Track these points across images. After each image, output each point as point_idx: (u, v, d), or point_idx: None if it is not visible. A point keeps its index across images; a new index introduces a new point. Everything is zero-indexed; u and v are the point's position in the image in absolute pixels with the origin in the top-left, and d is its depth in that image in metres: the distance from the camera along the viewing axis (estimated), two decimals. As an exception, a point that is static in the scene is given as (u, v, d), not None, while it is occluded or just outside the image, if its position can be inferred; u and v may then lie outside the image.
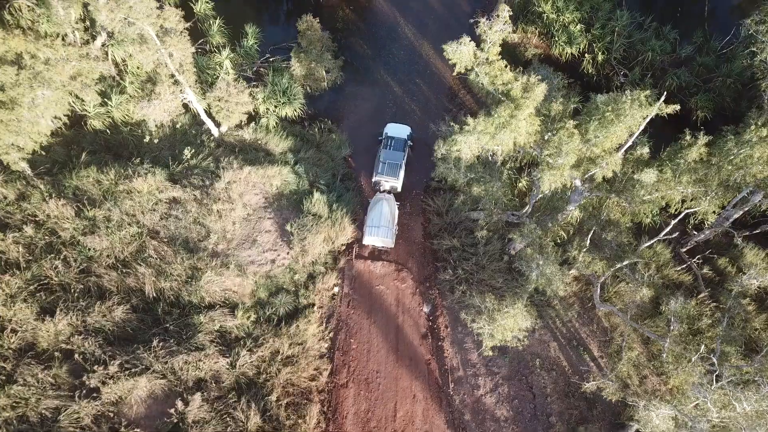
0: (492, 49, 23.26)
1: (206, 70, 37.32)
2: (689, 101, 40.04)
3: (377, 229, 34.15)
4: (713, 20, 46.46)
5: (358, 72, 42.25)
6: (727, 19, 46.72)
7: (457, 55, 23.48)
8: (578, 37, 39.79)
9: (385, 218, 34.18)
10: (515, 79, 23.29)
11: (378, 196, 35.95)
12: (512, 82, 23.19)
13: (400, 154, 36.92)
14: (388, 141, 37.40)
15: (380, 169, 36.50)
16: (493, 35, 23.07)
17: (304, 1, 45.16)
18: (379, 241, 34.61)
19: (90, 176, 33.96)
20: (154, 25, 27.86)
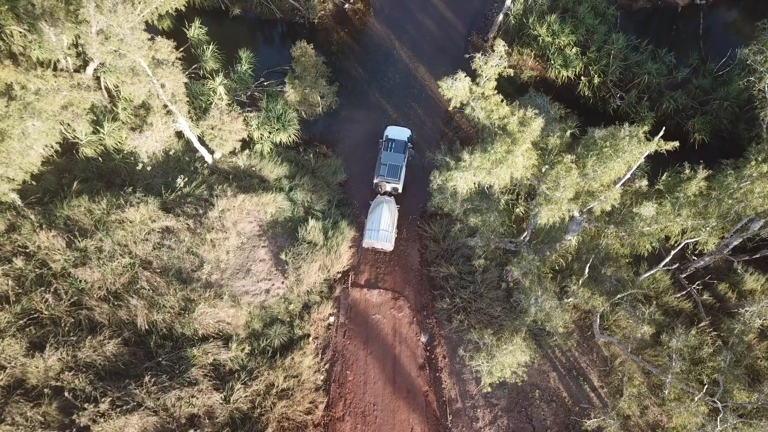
0: (487, 84, 22.94)
1: (199, 96, 36.98)
2: (686, 124, 39.82)
3: (377, 232, 34.67)
4: (708, 38, 46.47)
5: (354, 95, 41.96)
6: (722, 36, 46.78)
7: (452, 91, 23.16)
8: (574, 61, 39.60)
9: (385, 222, 34.67)
10: (511, 113, 22.96)
11: (378, 199, 36.21)
12: (508, 116, 22.86)
13: (401, 156, 37.36)
14: (388, 143, 37.92)
15: (381, 171, 36.85)
16: (489, 70, 22.76)
17: (298, 24, 44.92)
18: (379, 244, 34.97)
19: (82, 205, 33.51)
20: (146, 56, 27.51)
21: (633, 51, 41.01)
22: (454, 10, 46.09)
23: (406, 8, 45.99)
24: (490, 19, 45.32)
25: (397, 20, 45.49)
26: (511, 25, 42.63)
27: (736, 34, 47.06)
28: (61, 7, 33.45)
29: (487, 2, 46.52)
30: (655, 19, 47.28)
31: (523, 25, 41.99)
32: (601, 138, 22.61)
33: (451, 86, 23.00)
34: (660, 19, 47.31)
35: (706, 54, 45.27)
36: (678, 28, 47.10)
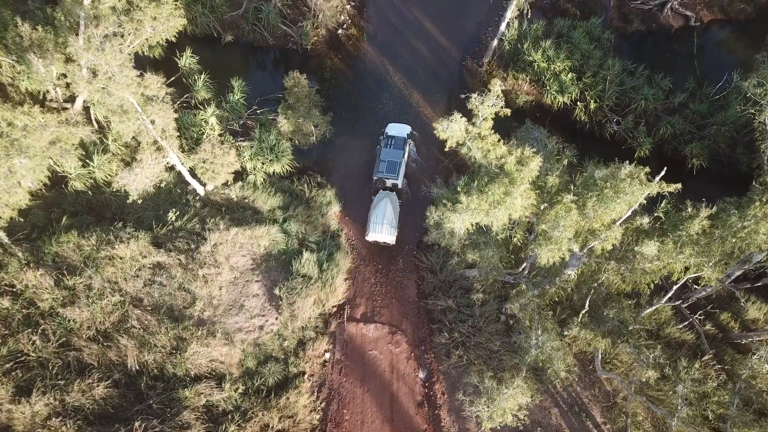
0: (484, 124, 22.43)
1: (191, 127, 36.41)
2: (684, 148, 39.45)
3: (381, 226, 35.32)
4: (702, 58, 46.31)
5: (348, 122, 41.45)
6: (716, 56, 46.67)
7: (448, 132, 22.63)
8: (570, 87, 39.27)
9: (388, 216, 35.40)
10: (509, 152, 22.44)
11: (381, 195, 36.78)
12: (506, 156, 22.35)
13: (400, 153, 37.86)
14: (388, 140, 38.38)
15: (381, 168, 37.43)
16: (485, 110, 22.27)
17: (291, 50, 44.52)
18: (382, 237, 35.47)
19: (71, 241, 32.76)
20: (135, 93, 26.94)
21: (629, 75, 40.75)
22: (448, 34, 45.83)
23: (399, 33, 45.71)
24: (485, 43, 45.03)
25: (390, 45, 45.17)
26: (505, 51, 42.34)
27: (729, 53, 47.03)
28: (50, 39, 32.98)
29: (481, 27, 46.30)
30: (649, 41, 47.15)
31: (517, 51, 41.70)
32: (601, 178, 22.10)
33: (447, 128, 22.49)
34: (654, 41, 47.19)
35: (702, 76, 45.10)
36: (672, 49, 46.96)
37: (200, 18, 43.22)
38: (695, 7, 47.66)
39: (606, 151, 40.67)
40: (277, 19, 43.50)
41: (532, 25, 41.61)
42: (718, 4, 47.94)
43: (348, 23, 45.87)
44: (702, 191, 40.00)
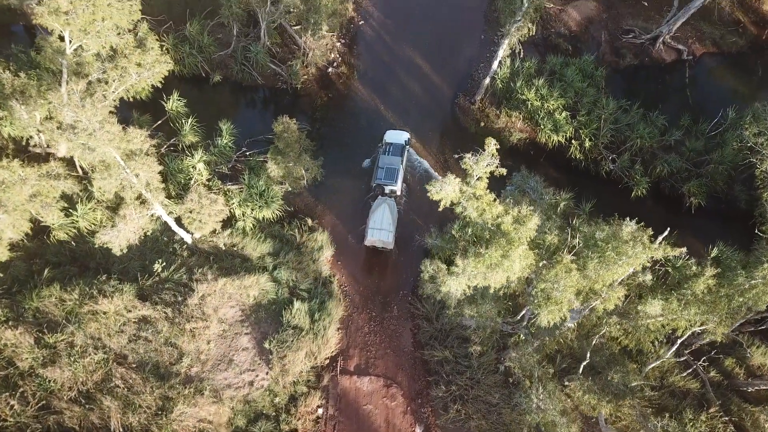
0: (479, 184, 21.61)
1: (178, 173, 35.48)
2: (681, 187, 38.82)
3: (379, 231, 35.79)
4: (695, 90, 46.00)
5: (339, 163, 40.62)
6: (709, 88, 46.37)
7: (441, 194, 21.81)
8: (564, 126, 38.68)
9: (386, 221, 35.88)
10: (506, 212, 21.60)
11: (380, 200, 37.24)
12: (503, 216, 21.50)
13: (398, 159, 38.25)
14: (386, 147, 38.84)
15: (379, 175, 37.78)
16: (480, 170, 21.48)
17: (281, 89, 43.83)
18: (380, 242, 35.89)
19: (53, 296, 31.60)
20: (118, 148, 26.02)
21: (624, 112, 40.22)
22: (440, 71, 45.33)
23: (390, 70, 45.17)
24: (477, 80, 44.56)
25: (381, 83, 44.59)
26: (498, 89, 41.81)
27: (722, 86, 46.74)
28: (33, 85, 32.10)
29: (472, 63, 45.86)
30: (642, 75, 46.81)
31: (510, 89, 41.17)
32: (602, 240, 21.25)
33: (440, 190, 21.65)
34: (647, 75, 46.87)
35: (697, 111, 44.82)
36: (666, 83, 46.67)
37: (188, 58, 42.56)
38: (687, 40, 47.50)
39: (602, 189, 40.15)
40: (266, 59, 42.89)
41: (525, 63, 41.15)
42: (710, 37, 47.82)
43: (338, 61, 45.33)
44: (700, 229, 39.69)
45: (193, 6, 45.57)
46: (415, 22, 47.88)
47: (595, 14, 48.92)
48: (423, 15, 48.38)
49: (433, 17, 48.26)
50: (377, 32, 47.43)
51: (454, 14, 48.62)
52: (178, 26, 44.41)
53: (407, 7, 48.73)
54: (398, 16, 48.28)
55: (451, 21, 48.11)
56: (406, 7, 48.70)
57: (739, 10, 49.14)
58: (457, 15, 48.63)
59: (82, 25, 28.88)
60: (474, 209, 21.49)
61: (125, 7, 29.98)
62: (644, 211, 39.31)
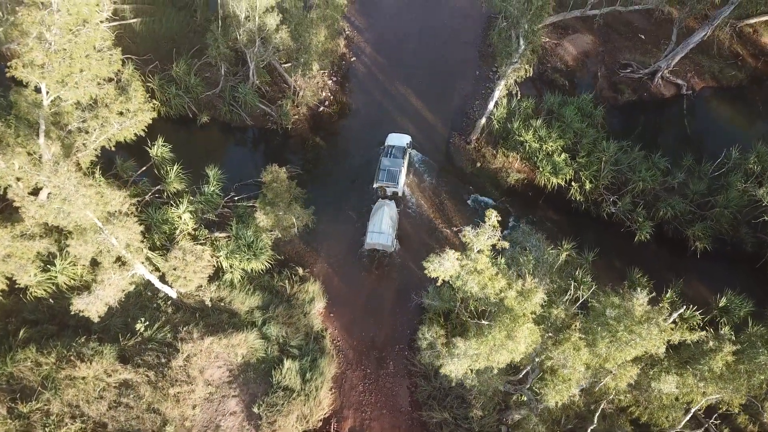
0: (481, 258, 20.18)
1: (163, 224, 33.94)
2: (685, 230, 37.52)
3: (379, 234, 36.05)
4: (696, 126, 45.06)
5: (331, 207, 39.17)
6: (710, 123, 45.45)
7: (440, 271, 20.37)
8: (564, 168, 37.41)
9: (386, 224, 36.14)
10: (509, 285, 20.15)
11: (380, 203, 37.55)
12: (506, 290, 20.06)
13: (400, 161, 38.82)
14: (388, 149, 39.43)
15: (381, 176, 38.26)
16: (481, 244, 20.07)
17: (271, 130, 42.50)
18: (380, 245, 36.15)
19: (28, 359, 29.87)
20: (96, 211, 24.50)
21: (624, 153, 39.01)
22: (434, 109, 44.15)
23: (383, 109, 43.94)
24: (472, 118, 43.40)
25: (375, 122, 43.33)
26: (494, 129, 40.60)
27: (723, 121, 45.79)
28: (10, 133, 30.64)
29: (467, 100, 44.72)
30: (641, 111, 45.76)
31: (507, 129, 39.94)
32: (614, 318, 19.78)
33: (439, 267, 20.20)
34: (646, 110, 45.84)
35: (697, 146, 43.84)
36: (666, 118, 45.69)
37: (174, 99, 41.24)
38: (686, 74, 46.60)
39: (604, 231, 38.89)
40: (255, 99, 41.60)
41: (522, 104, 39.97)
42: (709, 71, 46.94)
43: (330, 99, 44.11)
44: (706, 272, 38.36)
45: (181, 44, 44.42)
46: (407, 57, 46.84)
47: (592, 48, 48.00)
48: (415, 50, 47.37)
49: (425, 52, 47.24)
50: (369, 69, 46.32)
51: (447, 49, 47.62)
52: (165, 65, 43.20)
53: (399, 42, 47.72)
54: (390, 51, 47.24)
55: (445, 56, 47.09)
56: (399, 43, 47.69)
57: (737, 42, 48.35)
58: (451, 50, 47.63)
59: (59, 77, 27.50)
60: (475, 284, 20.05)
61: (105, 57, 28.64)
62: (648, 255, 38.32)
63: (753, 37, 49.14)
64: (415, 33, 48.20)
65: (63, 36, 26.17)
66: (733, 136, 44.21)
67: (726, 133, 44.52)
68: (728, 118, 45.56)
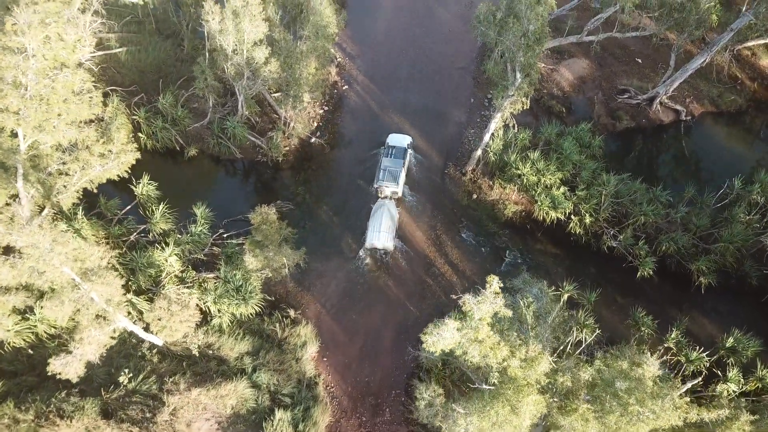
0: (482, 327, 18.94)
1: (148, 268, 32.58)
2: (689, 264, 36.43)
3: (379, 233, 36.31)
4: (697, 153, 44.22)
5: (324, 243, 37.94)
6: (710, 148, 44.57)
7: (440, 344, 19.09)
8: (563, 202, 36.30)
9: (386, 224, 36.50)
10: (512, 354, 18.94)
11: (380, 202, 38.02)
12: (509, 358, 18.84)
13: (400, 161, 39.25)
14: (389, 150, 39.94)
15: (381, 176, 38.69)
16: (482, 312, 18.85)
17: (261, 162, 41.28)
18: (380, 244, 36.46)
19: (6, 415, 28.29)
20: (73, 268, 23.17)
21: (624, 184, 37.95)
22: (428, 138, 43.04)
23: (376, 139, 42.72)
24: (467, 147, 42.36)
25: (368, 153, 42.14)
26: (490, 161, 39.51)
27: (723, 146, 44.91)
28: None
29: (462, 129, 43.65)
30: (640, 137, 44.84)
31: (504, 162, 38.85)
32: (625, 391, 18.58)
33: (437, 340, 18.93)
34: (645, 137, 44.93)
35: (698, 173, 43.07)
36: (665, 145, 44.78)
37: (161, 132, 39.99)
38: (685, 100, 45.73)
39: (605, 265, 37.87)
40: (244, 132, 40.39)
41: (519, 136, 38.91)
42: (708, 96, 46.10)
43: (322, 130, 42.95)
44: (710, 306, 37.28)
45: (167, 74, 43.27)
46: (400, 84, 45.81)
47: (588, 73, 47.10)
48: (409, 77, 46.34)
49: (419, 79, 46.22)
50: (361, 97, 45.23)
51: (441, 75, 46.62)
52: (151, 96, 42.02)
53: (392, 69, 46.69)
54: (383, 79, 46.19)
55: (439, 83, 46.08)
56: (392, 70, 46.66)
57: (736, 66, 47.55)
58: (445, 76, 46.63)
59: (35, 123, 26.21)
60: (477, 352, 18.83)
61: (85, 100, 27.36)
62: (650, 289, 37.21)
63: (751, 60, 48.39)
64: (409, 59, 47.22)
65: (39, 81, 24.93)
66: (734, 163, 43.49)
67: (727, 161, 43.68)
68: (729, 145, 44.70)
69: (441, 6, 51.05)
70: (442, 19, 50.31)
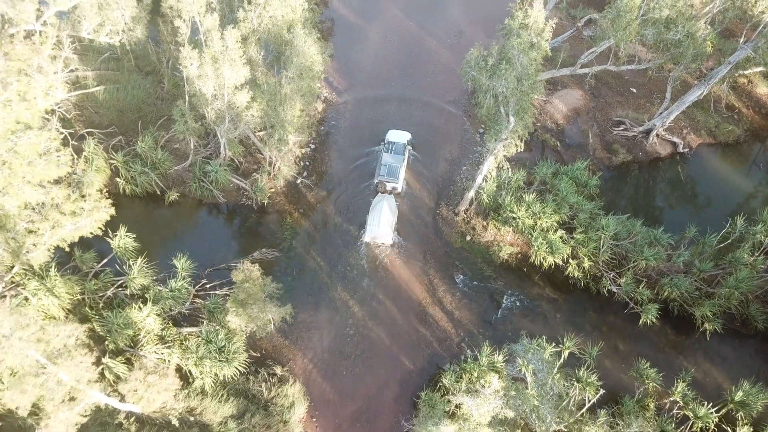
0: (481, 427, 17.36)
1: (125, 329, 30.74)
2: (692, 309, 35.01)
3: (378, 228, 36.66)
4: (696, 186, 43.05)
5: (312, 293, 36.25)
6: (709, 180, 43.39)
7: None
8: (561, 247, 34.84)
9: (385, 218, 36.70)
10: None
11: (379, 197, 38.34)
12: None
13: (400, 157, 39.77)
14: (389, 145, 40.41)
15: (381, 171, 39.17)
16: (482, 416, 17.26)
17: (246, 205, 39.60)
18: (379, 239, 36.97)
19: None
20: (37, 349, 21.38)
21: (624, 226, 36.55)
22: (419, 175, 41.52)
23: (366, 179, 41.13)
24: (460, 185, 40.89)
25: (356, 193, 40.54)
26: (484, 203, 38.03)
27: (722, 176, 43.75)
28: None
29: (454, 166, 42.18)
30: (637, 171, 43.54)
31: (498, 203, 37.36)
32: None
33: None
34: (641, 170, 43.65)
35: (699, 208, 41.85)
36: (663, 179, 43.50)
37: (140, 177, 38.26)
38: (681, 131, 44.54)
39: (605, 309, 36.49)
40: (227, 175, 38.73)
41: (513, 177, 37.47)
42: (705, 127, 44.96)
43: (309, 170, 41.35)
44: (715, 351, 35.81)
45: (147, 113, 41.63)
46: (389, 119, 44.30)
47: (582, 104, 45.86)
48: (397, 111, 44.91)
49: (409, 114, 44.81)
50: (350, 134, 43.70)
51: (431, 109, 45.24)
52: (131, 137, 40.36)
53: (381, 103, 45.21)
54: (372, 114, 44.70)
55: (428, 117, 44.68)
56: (380, 104, 45.18)
57: (732, 95, 46.48)
58: (435, 110, 45.26)
59: (-2, 187, 24.52)
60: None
61: (51, 161, 25.66)
62: (653, 334, 35.74)
63: (748, 89, 47.34)
64: (397, 92, 45.82)
65: (0, 147, 23.24)
66: (734, 197, 42.44)
67: (727, 195, 42.55)
68: (728, 177, 43.51)
69: (430, 37, 49.75)
70: (431, 50, 49.00)
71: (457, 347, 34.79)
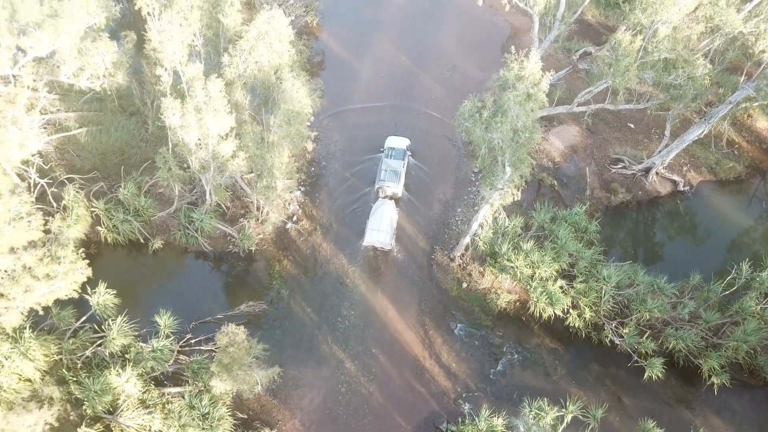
0: None
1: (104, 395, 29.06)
2: (698, 360, 33.63)
3: (377, 232, 36.92)
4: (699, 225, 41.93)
5: (301, 347, 34.71)
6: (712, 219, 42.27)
7: None
8: (561, 298, 33.47)
9: (384, 222, 36.96)
10: None
11: (379, 202, 38.73)
12: None
13: (400, 162, 40.36)
14: (389, 151, 41.15)
15: (382, 176, 39.58)
16: None
17: (233, 253, 38.09)
18: (379, 243, 37.17)
19: None
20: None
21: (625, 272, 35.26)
22: (412, 218, 40.15)
23: (358, 221, 39.74)
24: (455, 229, 39.55)
25: (347, 239, 39.12)
26: (480, 249, 36.68)
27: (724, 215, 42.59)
28: None
29: (448, 208, 40.84)
30: (636, 211, 42.35)
31: (494, 250, 36.01)
32: None
33: None
34: (641, 210, 42.47)
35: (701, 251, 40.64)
36: (664, 219, 42.32)
37: (122, 225, 36.76)
38: (682, 168, 43.45)
39: (608, 360, 35.02)
40: (213, 222, 37.28)
41: (510, 224, 36.16)
42: (706, 164, 43.90)
43: (298, 213, 39.95)
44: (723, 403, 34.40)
45: (131, 155, 40.26)
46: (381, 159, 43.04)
47: (580, 141, 44.75)
48: (390, 150, 43.61)
49: (402, 152, 43.49)
50: (341, 174, 42.36)
51: (423, 147, 43.93)
52: (113, 182, 38.96)
53: (371, 142, 43.78)
54: (363, 153, 43.38)
55: (421, 156, 43.35)
56: (370, 143, 43.75)
57: (732, 130, 45.50)
58: (427, 148, 43.95)
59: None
60: None
61: (22, 226, 24.19)
62: (658, 387, 34.26)
63: (748, 123, 46.40)
64: (389, 130, 44.35)
65: (-37, 217, 21.77)
66: (737, 237, 41.36)
67: (730, 234, 41.43)
68: (730, 216, 42.32)
69: (422, 72, 48.63)
70: (423, 86, 47.86)
71: (454, 404, 33.30)
